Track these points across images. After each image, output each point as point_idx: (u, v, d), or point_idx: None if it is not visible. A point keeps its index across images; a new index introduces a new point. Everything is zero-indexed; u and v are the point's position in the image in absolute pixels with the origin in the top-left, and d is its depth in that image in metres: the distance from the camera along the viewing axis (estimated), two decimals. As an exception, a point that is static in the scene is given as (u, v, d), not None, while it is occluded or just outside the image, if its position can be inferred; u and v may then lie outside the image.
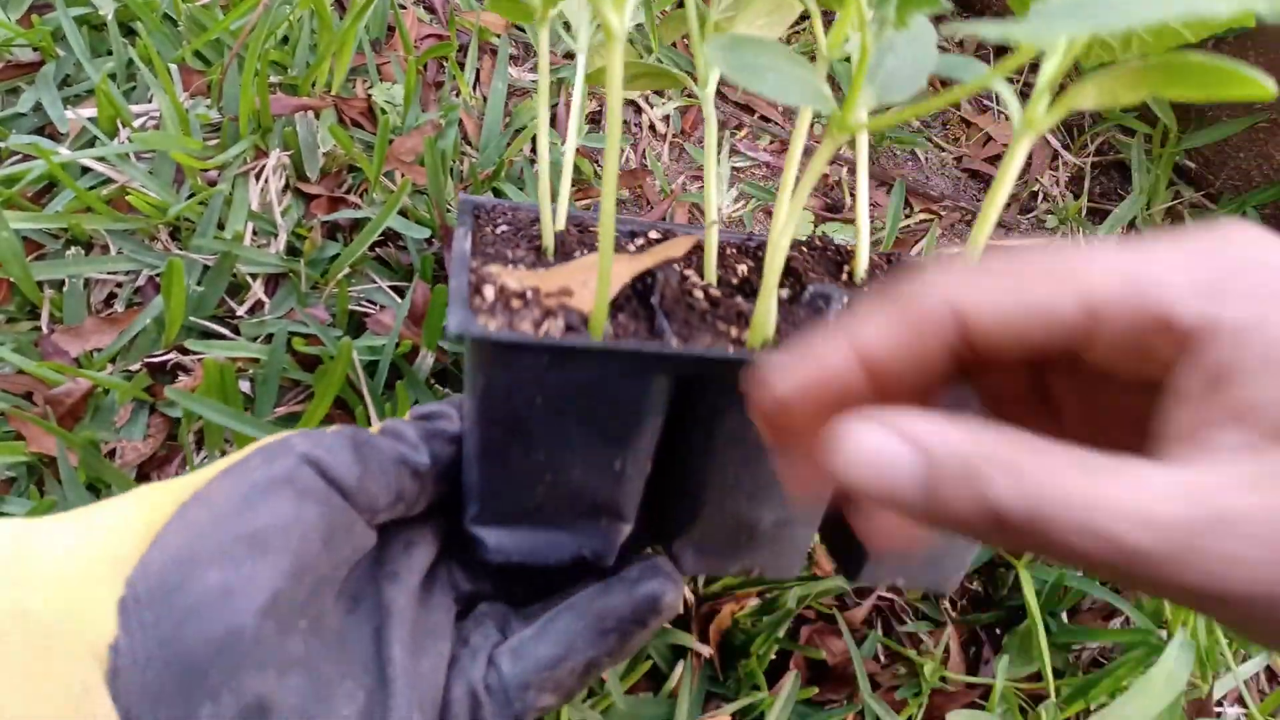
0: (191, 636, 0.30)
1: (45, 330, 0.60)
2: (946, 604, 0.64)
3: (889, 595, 0.63)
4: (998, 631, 0.62)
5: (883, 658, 0.59)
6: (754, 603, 0.58)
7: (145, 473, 0.57)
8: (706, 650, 0.55)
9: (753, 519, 0.45)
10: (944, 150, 0.91)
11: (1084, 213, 0.86)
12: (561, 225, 0.44)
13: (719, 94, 0.89)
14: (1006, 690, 0.58)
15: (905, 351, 0.25)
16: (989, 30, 0.22)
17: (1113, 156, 0.90)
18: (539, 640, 0.39)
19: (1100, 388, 0.26)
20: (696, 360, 0.36)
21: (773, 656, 0.56)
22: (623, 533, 0.43)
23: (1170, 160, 0.87)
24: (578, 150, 0.78)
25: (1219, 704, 0.62)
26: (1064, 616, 0.63)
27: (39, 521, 0.32)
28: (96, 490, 0.56)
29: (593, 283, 0.37)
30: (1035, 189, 0.87)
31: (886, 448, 0.23)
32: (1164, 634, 0.59)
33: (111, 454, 0.57)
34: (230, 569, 0.31)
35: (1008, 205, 0.87)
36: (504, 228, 0.45)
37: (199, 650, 0.30)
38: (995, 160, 0.91)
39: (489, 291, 0.38)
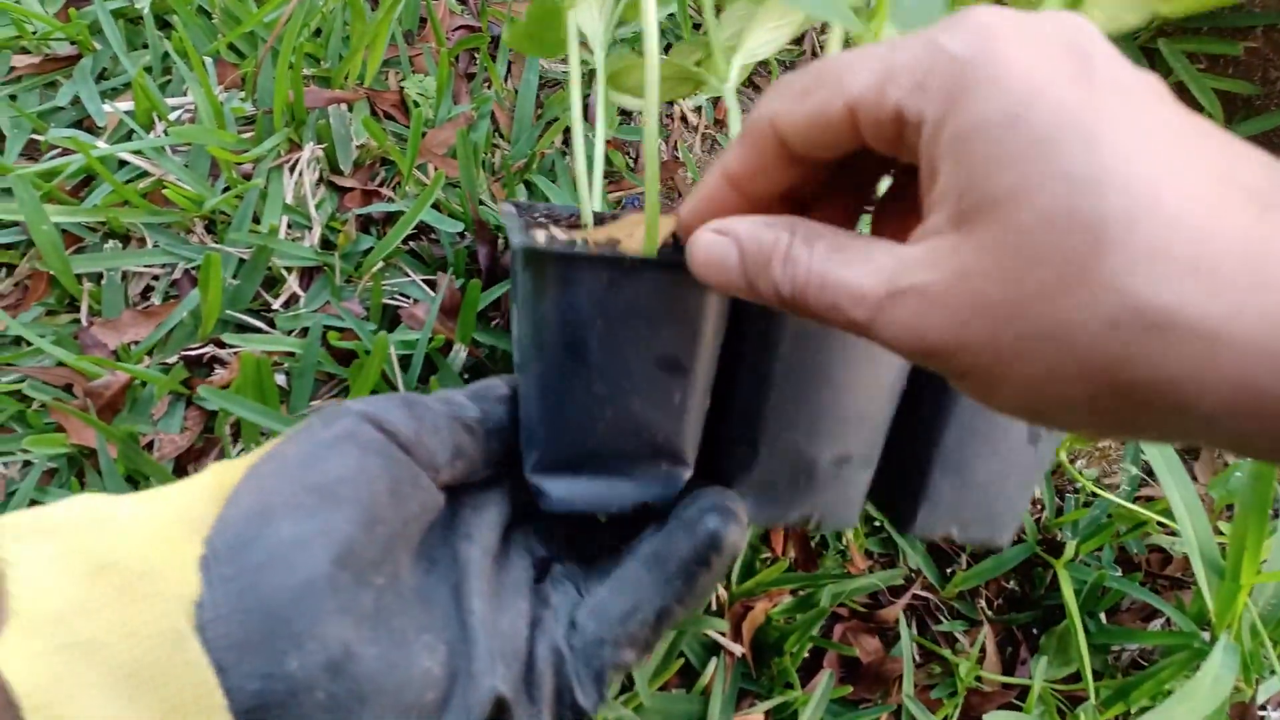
0: (270, 587, 0.30)
1: (84, 323, 0.61)
2: (982, 603, 0.63)
3: (924, 594, 0.62)
4: (1034, 631, 0.62)
5: (917, 656, 0.58)
6: (787, 600, 0.58)
7: (182, 465, 0.58)
8: (739, 649, 0.55)
9: (811, 456, 0.44)
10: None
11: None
12: (599, 205, 0.44)
13: (751, 84, 0.88)
14: (1044, 691, 0.57)
15: (753, 167, 0.31)
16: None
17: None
18: (611, 595, 0.38)
19: (902, 181, 0.32)
20: None
21: (806, 654, 0.56)
22: (683, 478, 0.42)
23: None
24: (609, 143, 0.77)
25: (1263, 708, 0.60)
26: (1102, 617, 0.62)
27: (115, 496, 0.33)
28: (135, 482, 0.56)
29: (639, 232, 0.38)
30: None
31: (716, 243, 0.30)
32: (1207, 636, 0.58)
33: (149, 446, 0.57)
34: (303, 519, 0.32)
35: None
36: (543, 219, 0.45)
37: (279, 600, 0.30)
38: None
39: (540, 236, 0.38)
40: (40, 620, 0.28)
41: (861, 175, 0.33)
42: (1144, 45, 0.90)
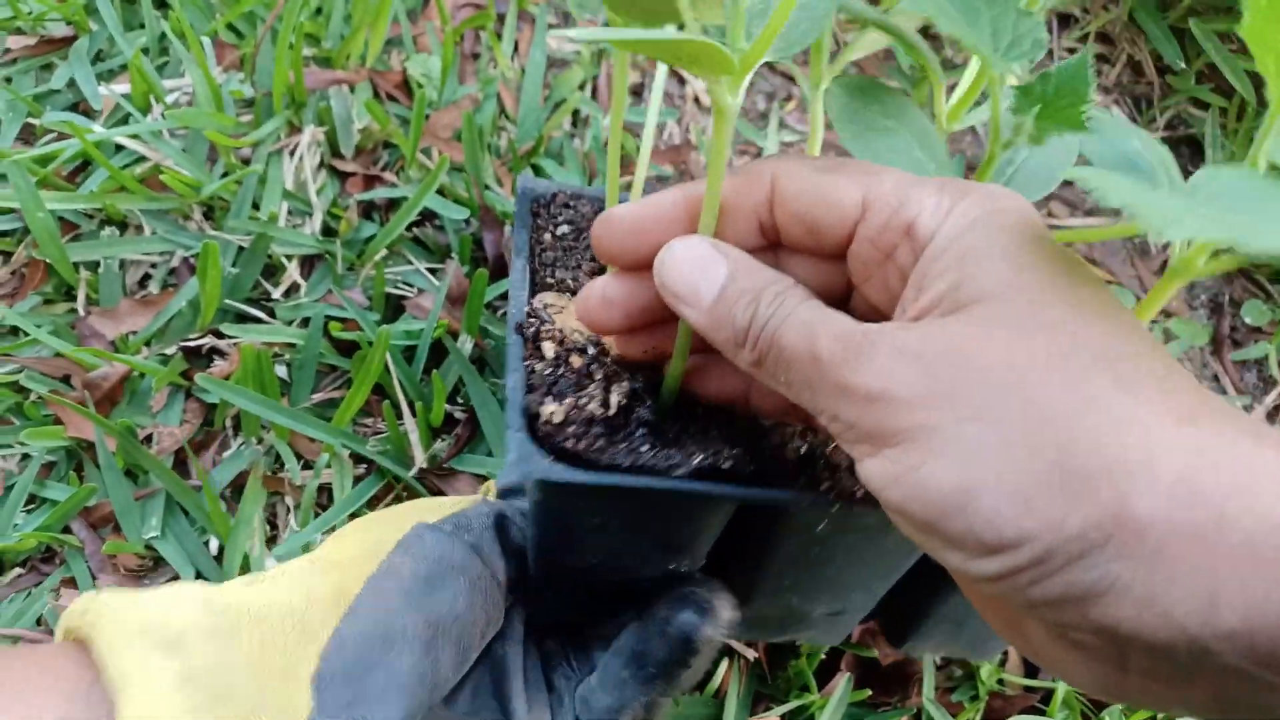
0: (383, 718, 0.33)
1: (82, 312, 0.59)
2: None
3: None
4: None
5: (938, 659, 0.57)
6: (803, 599, 0.56)
7: (181, 459, 0.56)
8: (751, 653, 0.53)
9: (804, 611, 0.45)
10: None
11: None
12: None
13: (767, 64, 0.85)
14: (1068, 695, 0.55)
15: (728, 201, 0.31)
16: (1114, 197, 0.21)
17: (1184, 131, 0.85)
18: (600, 688, 0.40)
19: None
20: (766, 498, 0.35)
21: (823, 656, 0.54)
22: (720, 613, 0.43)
23: (1247, 135, 0.82)
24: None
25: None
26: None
27: (229, 590, 0.35)
28: (134, 476, 0.55)
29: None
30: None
31: (704, 250, 0.31)
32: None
33: (148, 439, 0.56)
34: (420, 654, 0.34)
35: (1068, 182, 0.83)
36: (564, 228, 0.43)
37: None
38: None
39: (548, 349, 0.36)
40: None
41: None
42: (1174, 25, 0.87)
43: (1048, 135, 0.28)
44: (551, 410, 0.33)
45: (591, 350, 0.36)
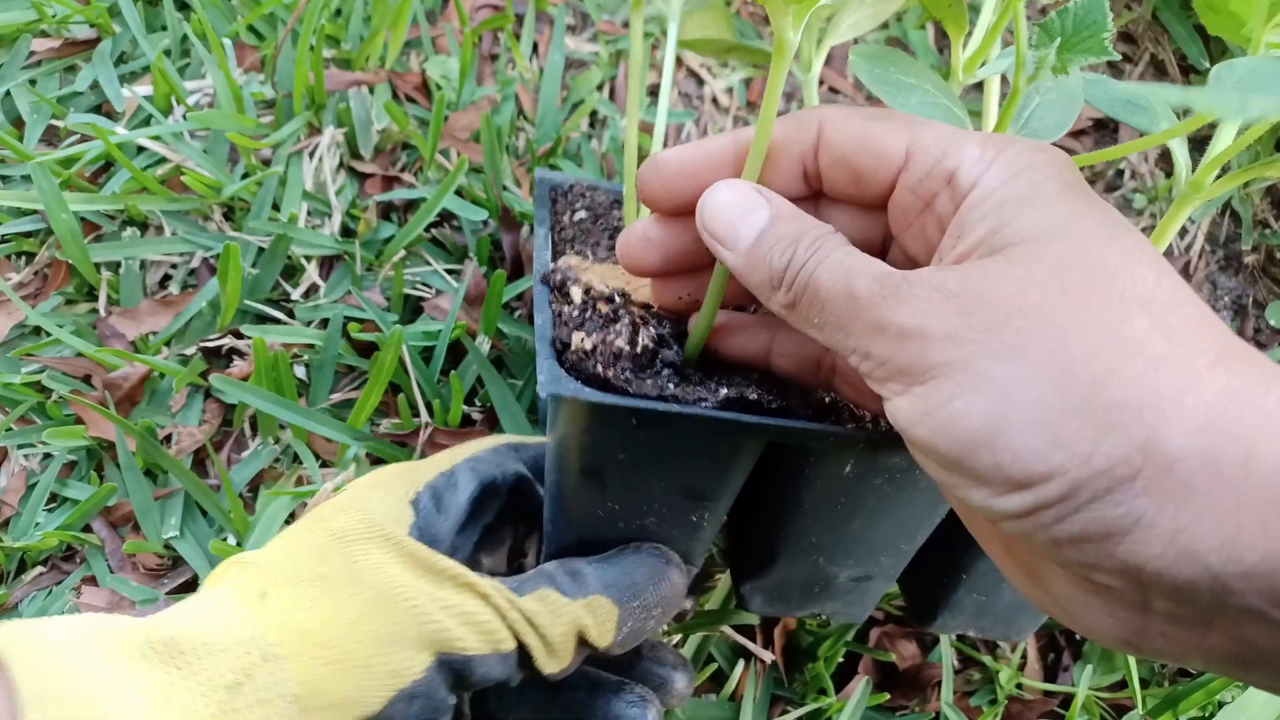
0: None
1: (103, 312, 0.60)
2: (1023, 606, 0.61)
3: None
4: (1078, 637, 0.59)
5: (956, 663, 0.56)
6: (820, 602, 0.56)
7: (200, 459, 0.56)
8: (769, 656, 0.53)
9: (829, 575, 0.44)
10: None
11: (1174, 191, 0.81)
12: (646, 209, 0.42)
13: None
14: (1088, 700, 0.55)
15: (777, 145, 0.32)
16: (1169, 95, 0.21)
17: (1209, 130, 0.84)
18: None
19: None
20: (792, 430, 0.34)
21: (840, 659, 0.54)
22: (689, 574, 0.42)
23: (1272, 132, 0.81)
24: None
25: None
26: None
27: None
28: (154, 476, 0.55)
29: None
30: (1121, 166, 0.82)
31: (748, 193, 0.31)
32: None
33: (168, 439, 0.56)
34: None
35: (1091, 182, 0.82)
36: (582, 214, 0.43)
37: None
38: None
39: (575, 293, 0.36)
40: None
41: None
42: (1198, 24, 0.85)
43: (1071, 65, 0.29)
44: (580, 338, 0.34)
45: (618, 298, 0.36)
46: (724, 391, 0.33)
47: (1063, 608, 0.27)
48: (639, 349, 0.34)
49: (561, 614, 0.37)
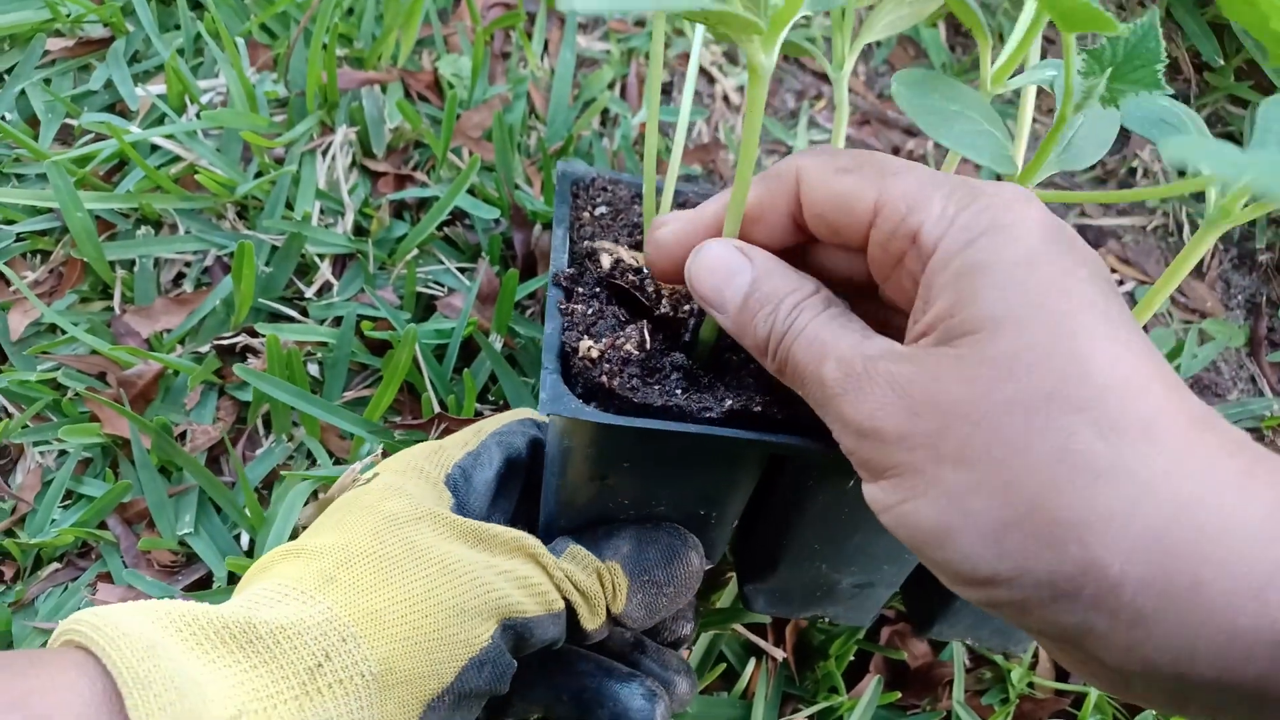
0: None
1: (117, 310, 0.60)
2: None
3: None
4: (1090, 636, 0.59)
5: (968, 661, 0.56)
6: (832, 601, 0.56)
7: (214, 456, 0.57)
8: (780, 654, 0.53)
9: (831, 581, 0.45)
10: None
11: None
12: (667, 206, 0.42)
13: (797, 61, 0.85)
14: (1100, 700, 0.54)
15: (764, 207, 0.32)
16: (1171, 151, 0.21)
17: (1222, 129, 0.83)
18: None
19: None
20: (794, 448, 0.35)
21: (851, 658, 0.54)
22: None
23: (1285, 130, 0.80)
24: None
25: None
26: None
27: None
28: (168, 473, 0.55)
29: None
30: (1134, 164, 0.82)
31: (729, 256, 0.32)
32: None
33: (182, 436, 0.57)
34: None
35: (1103, 181, 0.82)
36: (603, 209, 0.43)
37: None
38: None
39: (605, 260, 0.37)
40: None
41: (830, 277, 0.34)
42: (1213, 21, 0.85)
43: (1121, 97, 0.28)
44: (588, 345, 0.34)
45: (646, 270, 0.37)
46: (729, 403, 0.34)
47: (1052, 656, 0.29)
48: (647, 353, 0.34)
49: (592, 571, 0.38)
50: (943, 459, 0.25)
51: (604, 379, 0.33)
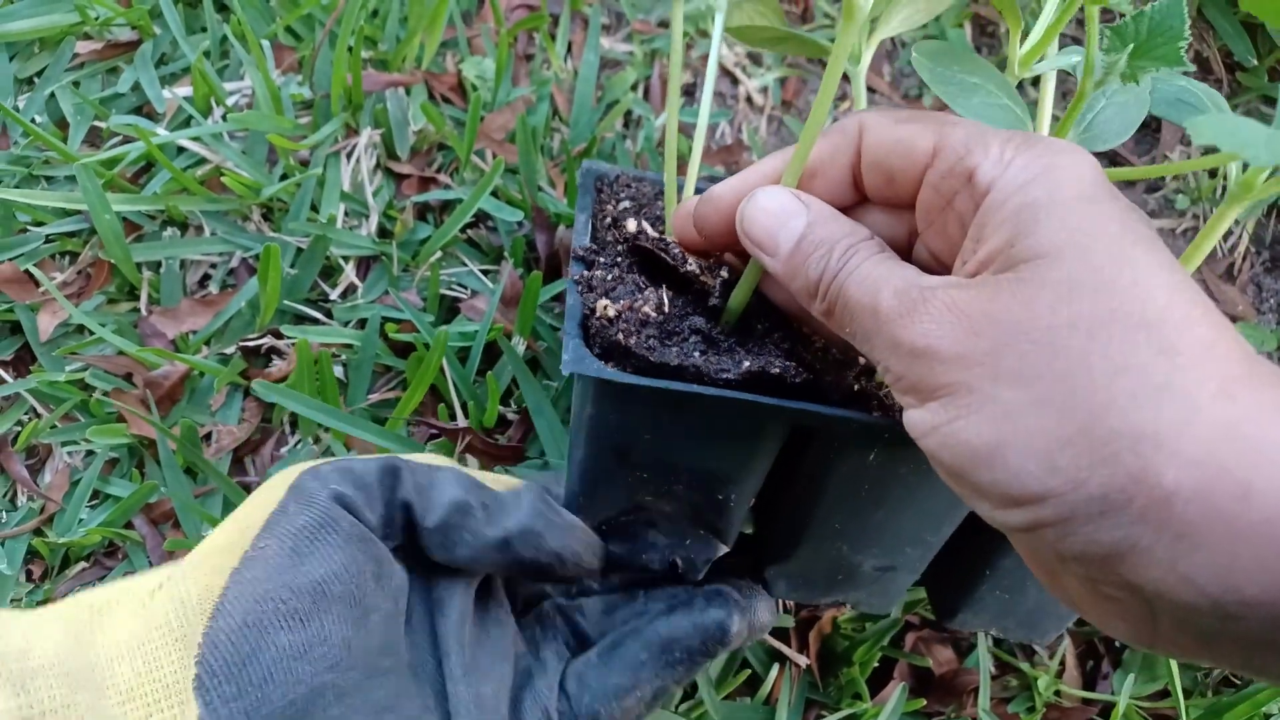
0: (277, 702, 0.31)
1: (144, 311, 0.61)
2: (1062, 612, 0.60)
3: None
4: (1117, 645, 0.58)
5: (993, 668, 0.55)
6: (856, 607, 0.55)
7: (240, 457, 0.57)
8: (804, 660, 0.52)
9: (853, 563, 0.44)
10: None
11: (1219, 192, 0.80)
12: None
13: (820, 63, 0.84)
14: (1129, 709, 0.54)
15: (825, 161, 0.33)
16: (1197, 130, 0.20)
17: (1253, 127, 0.82)
18: (607, 668, 0.40)
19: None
20: (809, 414, 0.35)
21: (876, 664, 0.53)
22: (718, 550, 0.42)
23: (1319, 131, 0.79)
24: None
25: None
26: (1192, 631, 0.59)
27: (94, 603, 0.33)
28: (193, 474, 0.56)
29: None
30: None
31: (786, 199, 0.32)
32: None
33: (207, 437, 0.57)
34: (298, 627, 0.32)
35: (1132, 183, 0.81)
36: (626, 204, 0.43)
37: (288, 715, 0.31)
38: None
39: (631, 224, 0.38)
40: None
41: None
42: (1245, 20, 0.84)
43: (1143, 74, 0.28)
44: (605, 305, 0.34)
45: (670, 237, 0.37)
46: (746, 364, 0.33)
47: (1079, 608, 0.28)
48: (665, 314, 0.35)
49: None
50: (1000, 376, 0.25)
51: (620, 336, 0.34)
